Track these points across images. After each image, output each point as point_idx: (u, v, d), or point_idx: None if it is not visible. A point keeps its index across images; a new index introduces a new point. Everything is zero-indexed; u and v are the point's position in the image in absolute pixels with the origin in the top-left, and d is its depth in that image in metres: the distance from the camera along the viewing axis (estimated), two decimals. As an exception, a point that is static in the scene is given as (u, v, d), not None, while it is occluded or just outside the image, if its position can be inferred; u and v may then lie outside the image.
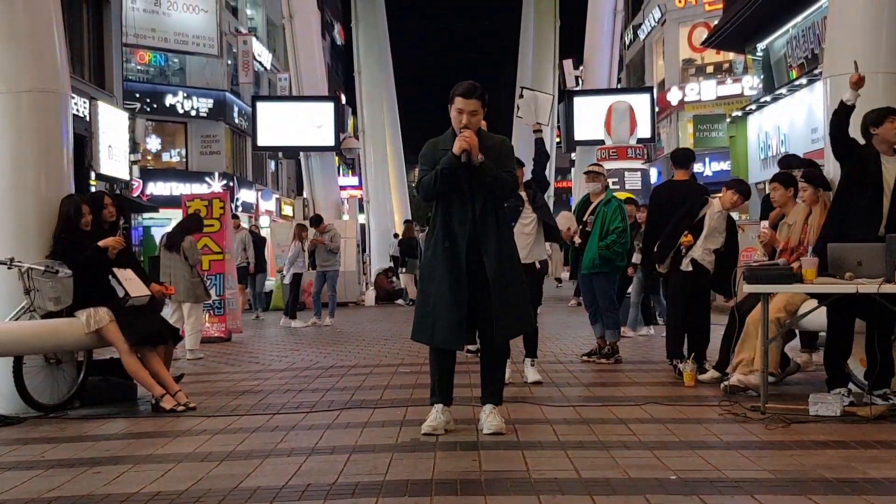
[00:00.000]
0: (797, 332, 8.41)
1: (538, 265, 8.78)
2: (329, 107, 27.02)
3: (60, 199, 7.75)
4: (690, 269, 8.65)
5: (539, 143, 9.50)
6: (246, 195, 41.75)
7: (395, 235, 23.82)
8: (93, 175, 25.43)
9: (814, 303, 7.02)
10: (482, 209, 6.10)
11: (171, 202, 30.33)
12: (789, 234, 7.81)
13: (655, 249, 9.00)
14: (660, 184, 9.97)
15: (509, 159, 6.29)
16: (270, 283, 22.39)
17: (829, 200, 7.56)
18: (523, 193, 8.68)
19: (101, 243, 7.65)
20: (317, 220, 18.17)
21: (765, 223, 8.14)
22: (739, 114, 26.88)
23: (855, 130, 7.03)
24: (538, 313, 8.86)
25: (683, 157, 9.83)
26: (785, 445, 5.63)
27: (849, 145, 6.94)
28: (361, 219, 35.03)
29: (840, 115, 6.89)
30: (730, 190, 8.75)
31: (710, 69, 38.99)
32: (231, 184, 37.69)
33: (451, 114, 6.19)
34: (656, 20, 40.94)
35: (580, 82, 39.21)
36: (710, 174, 33.20)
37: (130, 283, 7.75)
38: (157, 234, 21.35)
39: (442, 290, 6.07)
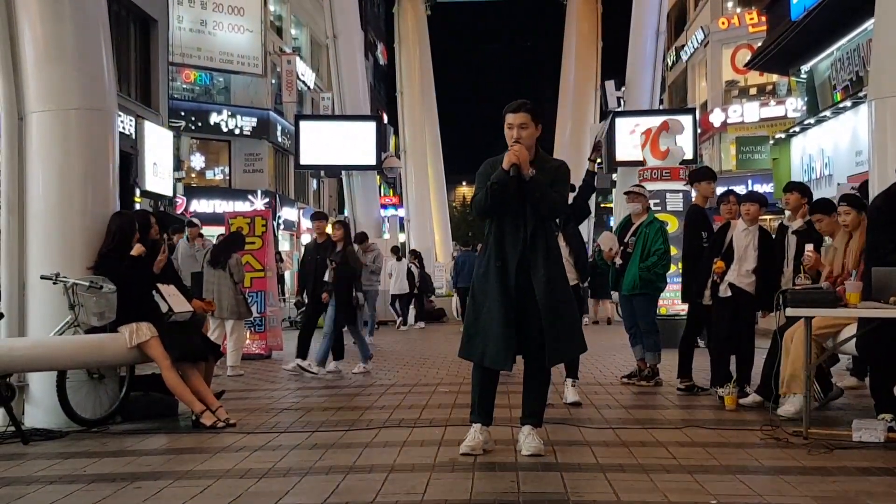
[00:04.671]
0: (839, 356, 8.33)
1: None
2: (371, 126, 27.18)
3: (106, 215, 7.86)
4: (729, 293, 8.60)
5: (589, 174, 9.55)
6: (288, 213, 42.01)
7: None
8: (137, 192, 25.69)
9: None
10: (533, 232, 6.10)
11: (214, 219, 30.57)
12: (833, 257, 7.73)
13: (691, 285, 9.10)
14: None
15: (564, 183, 6.27)
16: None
17: None
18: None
19: (155, 270, 7.78)
20: (361, 238, 18.19)
21: (809, 246, 8.07)
22: (783, 136, 26.68)
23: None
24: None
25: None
26: (827, 471, 5.56)
27: None
28: (402, 238, 35.11)
29: None
30: (747, 203, 8.68)
31: (753, 91, 38.79)
32: (273, 202, 37.95)
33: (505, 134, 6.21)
34: (699, 42, 40.82)
35: (622, 103, 39.15)
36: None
37: (174, 299, 7.83)
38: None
39: (493, 309, 6.06)
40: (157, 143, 27.38)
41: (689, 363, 9.30)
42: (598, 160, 10.01)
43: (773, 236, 9.02)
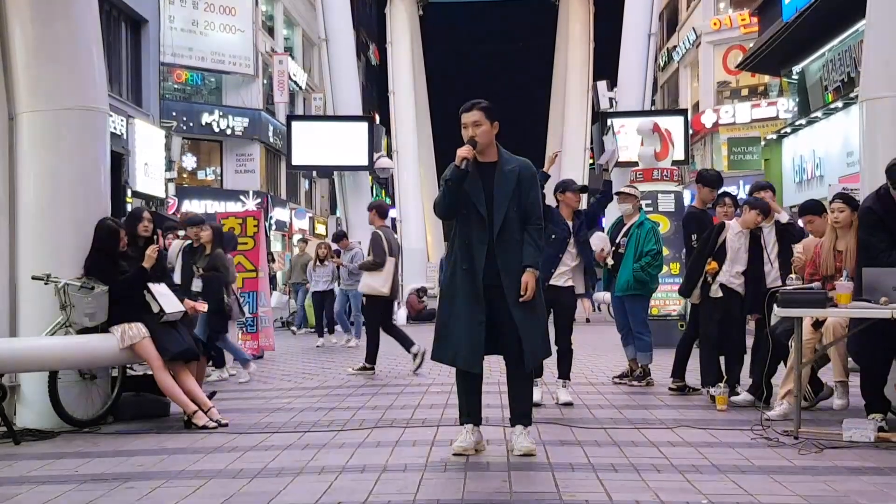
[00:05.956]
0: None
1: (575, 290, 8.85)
2: (363, 127, 27.16)
3: (97, 215, 7.83)
4: (720, 294, 8.62)
5: (607, 184, 9.57)
6: (280, 213, 41.96)
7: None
8: (129, 192, 25.64)
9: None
10: (500, 233, 6.10)
11: (206, 220, 30.52)
12: (818, 258, 7.75)
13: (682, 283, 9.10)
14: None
15: (530, 183, 6.26)
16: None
17: None
18: (570, 223, 8.69)
19: (145, 265, 7.75)
20: (338, 237, 18.04)
21: (798, 246, 8.09)
22: (774, 137, 26.76)
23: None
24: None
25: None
26: (818, 471, 5.58)
27: None
28: (394, 238, 35.09)
29: None
30: (753, 210, 8.71)
31: (744, 92, 38.85)
32: (265, 202, 37.90)
33: None
34: (691, 42, 40.87)
35: (614, 104, 39.22)
36: (745, 197, 32.92)
37: (165, 299, 7.81)
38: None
39: (461, 312, 6.08)
40: (149, 144, 27.34)
41: (684, 364, 9.30)
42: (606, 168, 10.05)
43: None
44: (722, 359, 8.78)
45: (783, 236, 8.75)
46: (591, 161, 33.13)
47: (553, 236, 8.49)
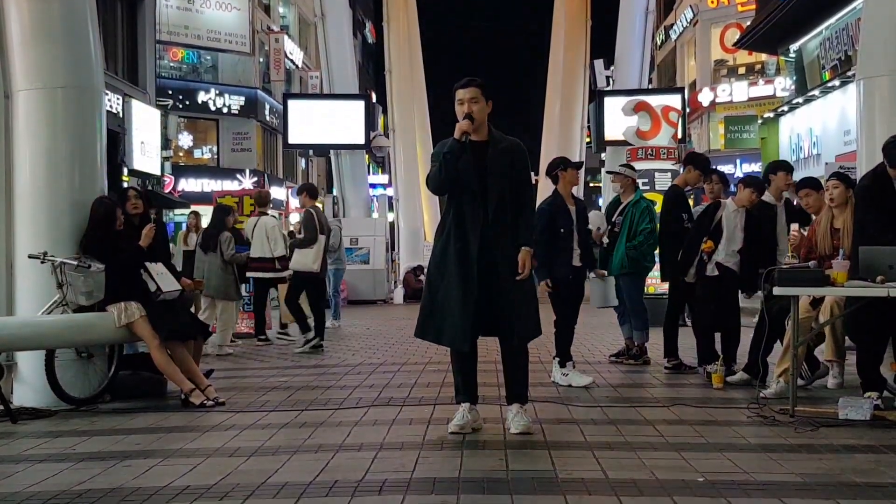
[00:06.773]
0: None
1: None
2: (359, 105, 27.09)
3: (94, 194, 7.83)
4: (717, 272, 8.63)
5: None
6: (276, 192, 41.89)
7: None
8: (125, 171, 25.60)
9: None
10: (495, 212, 6.08)
11: (203, 198, 30.51)
12: (814, 236, 7.76)
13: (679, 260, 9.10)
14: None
15: (522, 163, 6.26)
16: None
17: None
18: (572, 208, 8.67)
19: (142, 243, 7.75)
20: None
21: (794, 226, 8.10)
22: (771, 115, 26.69)
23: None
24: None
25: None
26: (814, 449, 5.59)
27: None
28: (391, 217, 35.08)
29: None
30: (748, 188, 8.71)
31: (741, 70, 38.78)
32: (262, 181, 37.84)
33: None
34: (688, 20, 40.78)
35: (611, 82, 39.12)
36: (742, 176, 32.94)
37: (162, 278, 7.81)
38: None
39: (451, 291, 6.04)
40: (145, 122, 27.26)
41: (674, 342, 9.34)
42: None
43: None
44: (718, 337, 8.80)
45: (791, 216, 8.73)
46: (587, 140, 33.06)
47: (563, 230, 8.52)
